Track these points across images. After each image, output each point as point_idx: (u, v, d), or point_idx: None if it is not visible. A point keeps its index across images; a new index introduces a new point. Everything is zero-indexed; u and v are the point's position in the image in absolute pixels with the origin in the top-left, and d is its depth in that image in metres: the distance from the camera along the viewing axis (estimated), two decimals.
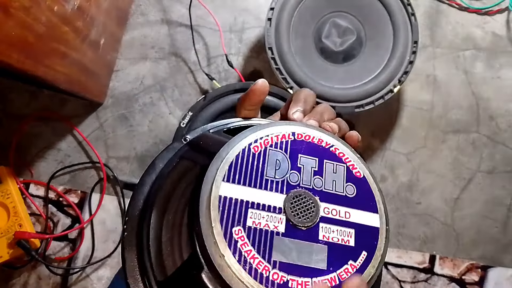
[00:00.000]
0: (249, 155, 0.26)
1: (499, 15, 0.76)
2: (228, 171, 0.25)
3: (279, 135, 0.27)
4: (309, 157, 0.27)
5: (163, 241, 0.26)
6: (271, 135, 0.27)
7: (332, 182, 0.27)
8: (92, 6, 0.61)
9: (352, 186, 0.27)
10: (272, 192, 0.26)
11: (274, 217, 0.25)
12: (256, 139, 0.27)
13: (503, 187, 0.74)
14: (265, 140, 0.27)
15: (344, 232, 0.26)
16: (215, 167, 0.25)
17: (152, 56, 0.75)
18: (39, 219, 0.73)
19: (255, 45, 0.75)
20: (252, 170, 0.26)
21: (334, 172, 0.27)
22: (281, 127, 0.28)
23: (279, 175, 0.26)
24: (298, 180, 0.26)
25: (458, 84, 0.75)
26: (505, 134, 0.74)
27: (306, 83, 0.63)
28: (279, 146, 0.27)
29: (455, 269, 0.73)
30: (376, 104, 0.64)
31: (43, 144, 0.74)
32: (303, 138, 0.28)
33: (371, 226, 0.27)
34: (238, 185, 0.25)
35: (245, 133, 0.27)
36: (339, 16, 0.67)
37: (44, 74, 0.53)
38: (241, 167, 0.26)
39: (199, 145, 0.29)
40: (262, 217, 0.25)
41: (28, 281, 0.73)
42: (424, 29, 0.75)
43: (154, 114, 0.74)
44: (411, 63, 0.65)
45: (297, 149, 0.27)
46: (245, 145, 0.26)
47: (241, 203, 0.25)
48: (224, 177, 0.25)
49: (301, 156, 0.27)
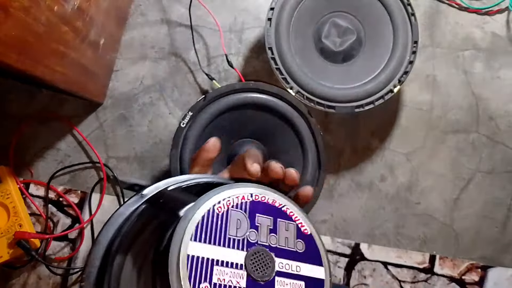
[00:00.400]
0: (214, 215, 0.29)
1: (499, 15, 0.76)
2: (195, 231, 0.27)
3: (239, 196, 0.30)
4: (265, 217, 0.30)
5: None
6: (232, 197, 0.30)
7: (285, 239, 0.30)
8: (91, 6, 0.61)
9: (301, 242, 0.31)
10: (234, 250, 0.28)
11: (236, 273, 0.27)
12: (220, 200, 0.29)
13: (503, 187, 0.74)
14: (227, 201, 0.30)
15: (296, 285, 0.29)
16: (183, 228, 0.27)
17: (152, 56, 0.75)
18: (39, 219, 0.73)
19: (255, 45, 0.75)
20: (217, 230, 0.28)
21: (286, 230, 0.31)
22: (241, 189, 0.31)
23: (240, 234, 0.29)
24: (256, 238, 0.29)
25: (457, 84, 0.75)
26: (505, 134, 0.74)
27: (306, 83, 0.63)
28: (239, 206, 0.30)
29: (455, 269, 0.73)
30: (376, 104, 0.64)
31: (43, 144, 0.74)
32: (260, 199, 0.31)
33: (317, 278, 0.30)
34: (204, 243, 0.27)
35: (209, 194, 0.29)
36: (339, 16, 0.67)
37: (43, 74, 0.53)
38: (207, 227, 0.28)
39: (159, 202, 0.31)
40: (226, 274, 0.27)
41: (28, 281, 0.73)
42: (424, 29, 0.75)
43: (153, 114, 0.74)
44: (411, 63, 0.65)
45: (255, 209, 0.30)
46: (209, 206, 0.29)
47: (207, 261, 0.27)
48: (191, 237, 0.27)
49: (258, 216, 0.30)
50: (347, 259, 0.74)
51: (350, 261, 0.74)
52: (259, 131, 0.65)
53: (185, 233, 0.27)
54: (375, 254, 0.72)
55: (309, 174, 0.61)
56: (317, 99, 0.64)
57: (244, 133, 0.65)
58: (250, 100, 0.62)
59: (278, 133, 0.64)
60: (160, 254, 0.28)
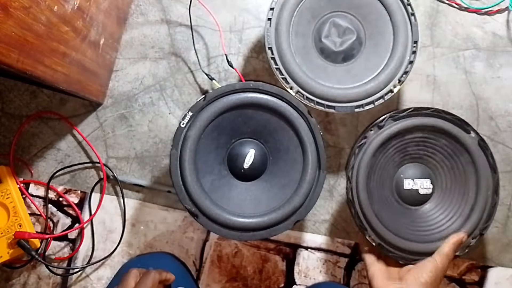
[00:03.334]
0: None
1: (499, 15, 0.76)
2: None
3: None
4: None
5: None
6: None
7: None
8: (92, 6, 0.61)
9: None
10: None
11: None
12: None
13: (503, 187, 0.74)
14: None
15: None
16: None
17: (152, 56, 0.75)
18: (39, 219, 0.73)
19: (255, 45, 0.75)
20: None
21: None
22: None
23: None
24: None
25: (458, 84, 0.75)
26: (505, 134, 0.74)
27: (306, 83, 0.63)
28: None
29: (455, 269, 0.73)
30: (376, 104, 0.64)
31: (43, 144, 0.74)
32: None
33: None
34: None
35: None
36: (339, 16, 0.67)
37: (43, 74, 0.53)
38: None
39: None
40: None
41: (28, 281, 0.73)
42: (424, 29, 0.75)
43: (154, 114, 0.74)
44: (411, 63, 0.65)
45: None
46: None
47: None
48: None
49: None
50: (347, 259, 0.74)
51: (350, 261, 0.74)
52: (259, 130, 0.65)
53: None
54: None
55: (309, 173, 0.61)
56: (317, 99, 0.64)
57: (244, 133, 0.65)
58: (250, 100, 0.62)
59: (278, 133, 0.64)
60: None
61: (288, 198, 0.62)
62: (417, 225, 0.65)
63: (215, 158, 0.65)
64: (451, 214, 0.65)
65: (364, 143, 0.64)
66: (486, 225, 0.63)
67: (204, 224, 0.61)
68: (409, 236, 0.63)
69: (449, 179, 0.66)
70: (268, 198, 0.63)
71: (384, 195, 0.65)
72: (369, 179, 0.63)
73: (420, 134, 0.65)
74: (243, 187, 0.65)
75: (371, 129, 0.64)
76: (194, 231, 0.73)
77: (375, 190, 0.64)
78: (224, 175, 0.65)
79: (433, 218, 0.65)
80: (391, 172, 0.67)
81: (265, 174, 0.65)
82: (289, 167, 0.64)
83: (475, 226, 0.63)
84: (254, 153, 0.65)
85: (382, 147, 0.64)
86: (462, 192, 0.65)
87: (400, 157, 0.66)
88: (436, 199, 0.66)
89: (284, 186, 0.63)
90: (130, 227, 0.73)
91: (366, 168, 0.62)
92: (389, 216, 0.64)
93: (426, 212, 0.66)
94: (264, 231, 0.60)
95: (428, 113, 0.64)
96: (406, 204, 0.67)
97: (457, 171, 0.65)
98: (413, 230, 0.64)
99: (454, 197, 0.65)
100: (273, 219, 0.60)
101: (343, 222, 0.74)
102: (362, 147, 0.63)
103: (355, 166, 0.63)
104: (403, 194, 0.66)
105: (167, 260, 0.71)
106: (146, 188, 0.73)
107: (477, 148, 0.64)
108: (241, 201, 0.64)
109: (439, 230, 0.64)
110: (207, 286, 0.73)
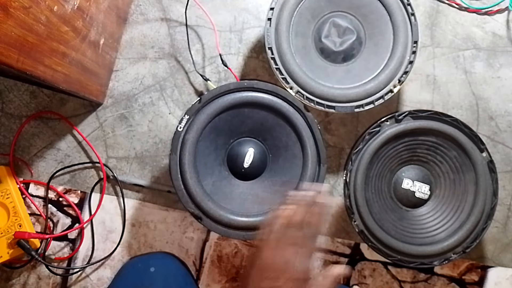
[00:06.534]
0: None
1: (499, 15, 0.76)
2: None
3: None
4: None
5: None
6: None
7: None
8: (91, 6, 0.61)
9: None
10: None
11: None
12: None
13: (503, 187, 0.74)
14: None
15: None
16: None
17: (152, 56, 0.75)
18: (39, 219, 0.73)
19: (255, 45, 0.75)
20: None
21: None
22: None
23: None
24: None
25: (458, 84, 0.75)
26: (505, 134, 0.74)
27: (306, 83, 0.63)
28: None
29: (455, 269, 0.73)
30: (376, 104, 0.64)
31: (43, 144, 0.74)
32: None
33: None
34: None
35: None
36: (339, 16, 0.67)
37: (43, 74, 0.53)
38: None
39: None
40: None
41: (28, 281, 0.73)
42: (424, 29, 0.75)
43: (153, 114, 0.74)
44: (411, 63, 0.65)
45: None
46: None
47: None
48: None
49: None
50: (347, 259, 0.74)
51: (350, 261, 0.74)
52: (257, 129, 0.65)
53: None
54: (375, 254, 0.72)
55: (309, 169, 0.61)
56: (317, 99, 0.64)
57: (242, 132, 0.65)
58: (246, 99, 0.62)
59: (276, 130, 0.64)
60: None
61: None
62: (402, 224, 0.66)
63: (214, 159, 0.65)
64: (438, 225, 0.65)
65: (378, 131, 0.64)
66: (470, 245, 0.64)
67: (209, 226, 0.61)
68: (393, 232, 0.64)
69: (448, 191, 0.66)
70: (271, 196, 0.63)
71: (381, 187, 0.66)
72: (372, 164, 0.64)
73: (433, 138, 0.65)
74: (245, 186, 0.65)
75: (387, 121, 0.65)
76: (194, 231, 0.73)
77: (373, 178, 0.65)
78: (225, 176, 0.65)
79: (421, 223, 0.66)
80: (394, 167, 0.67)
81: (266, 172, 0.65)
82: (289, 163, 0.64)
83: (459, 243, 0.64)
84: (253, 151, 0.65)
85: (395, 140, 0.64)
86: (455, 209, 0.65)
87: (408, 156, 0.66)
88: (428, 207, 0.67)
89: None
90: (130, 227, 0.73)
91: (373, 152, 0.64)
92: (379, 208, 0.64)
93: (416, 215, 0.67)
94: None
95: (447, 120, 0.64)
96: (398, 202, 0.67)
97: (458, 187, 0.65)
98: (398, 228, 0.65)
99: (446, 211, 0.65)
100: None
101: (343, 222, 0.74)
102: (374, 135, 0.65)
103: (363, 149, 0.64)
104: (399, 192, 0.67)
105: (167, 260, 0.71)
106: (146, 188, 0.73)
107: (484, 170, 0.64)
108: (244, 200, 0.64)
109: (422, 237, 0.65)
110: (207, 286, 0.73)
